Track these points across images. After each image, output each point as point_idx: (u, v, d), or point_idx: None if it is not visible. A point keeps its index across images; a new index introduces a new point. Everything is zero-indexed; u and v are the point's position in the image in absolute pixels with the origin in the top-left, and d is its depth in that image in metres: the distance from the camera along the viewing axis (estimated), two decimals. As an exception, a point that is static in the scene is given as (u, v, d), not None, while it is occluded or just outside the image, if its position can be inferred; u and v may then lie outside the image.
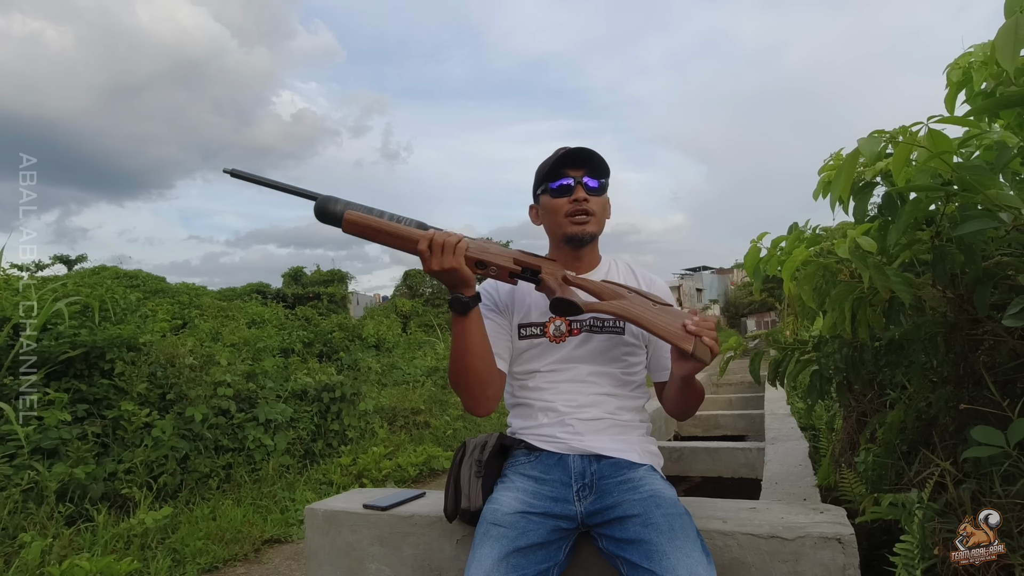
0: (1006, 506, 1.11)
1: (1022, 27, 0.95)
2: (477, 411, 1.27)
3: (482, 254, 1.22)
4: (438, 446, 5.42)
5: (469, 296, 1.21)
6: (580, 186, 1.32)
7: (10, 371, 3.56)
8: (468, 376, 1.23)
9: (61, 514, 3.15)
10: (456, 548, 1.40)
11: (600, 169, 1.35)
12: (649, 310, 1.20)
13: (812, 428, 3.41)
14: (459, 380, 1.25)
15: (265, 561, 3.20)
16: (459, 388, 1.27)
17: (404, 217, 1.22)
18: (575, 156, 1.33)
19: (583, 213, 1.33)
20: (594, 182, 1.34)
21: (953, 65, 1.55)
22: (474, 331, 1.22)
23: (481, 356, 1.23)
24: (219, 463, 4.18)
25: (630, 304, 1.21)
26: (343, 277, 18.87)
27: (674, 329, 1.17)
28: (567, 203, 1.33)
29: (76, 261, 13.62)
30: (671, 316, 1.19)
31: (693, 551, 1.05)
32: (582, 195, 1.32)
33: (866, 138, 1.09)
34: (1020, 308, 1.07)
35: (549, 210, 1.36)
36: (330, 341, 8.68)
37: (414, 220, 1.22)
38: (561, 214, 1.34)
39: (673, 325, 1.17)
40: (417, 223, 1.22)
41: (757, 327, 26.64)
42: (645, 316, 1.20)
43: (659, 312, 1.20)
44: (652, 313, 1.20)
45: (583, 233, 1.34)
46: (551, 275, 1.25)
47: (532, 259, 1.26)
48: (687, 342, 1.15)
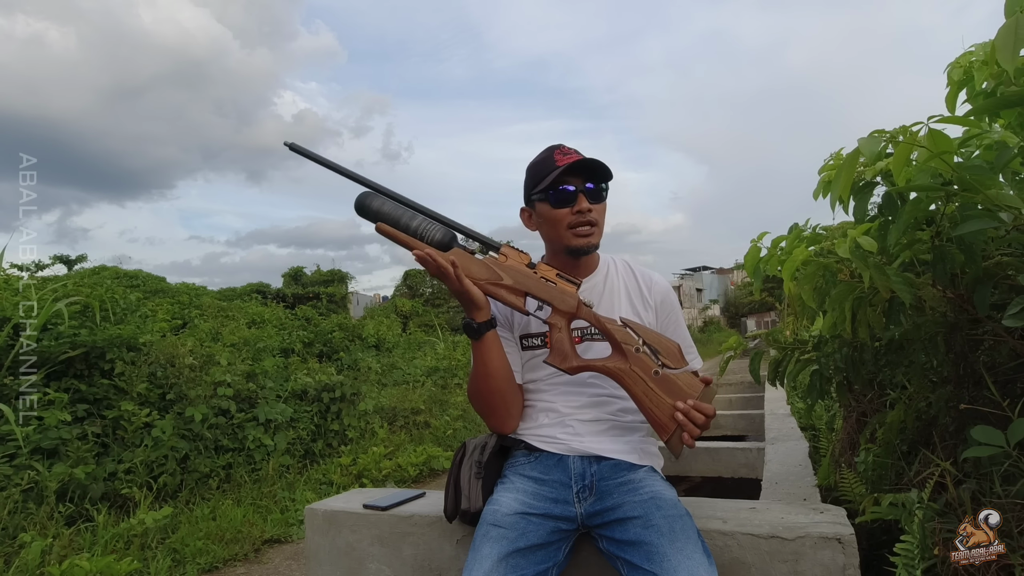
0: (1006, 506, 1.11)
1: (1022, 27, 0.95)
2: (504, 430, 1.25)
3: (493, 288, 1.19)
4: (438, 446, 5.42)
5: (480, 321, 1.18)
6: (582, 195, 1.25)
7: (10, 371, 3.56)
8: (493, 398, 1.22)
9: (61, 514, 3.15)
10: (456, 548, 1.40)
11: (601, 173, 1.27)
12: (645, 380, 1.14)
13: (812, 428, 3.41)
14: (482, 402, 1.24)
15: (265, 561, 3.20)
16: (483, 410, 1.25)
17: (431, 222, 1.20)
18: (580, 168, 1.25)
19: (587, 224, 1.26)
20: (596, 187, 1.27)
21: (954, 64, 1.55)
22: (492, 355, 1.20)
23: (503, 378, 1.21)
24: (219, 463, 4.18)
25: (627, 368, 1.15)
26: (343, 277, 18.86)
27: (659, 413, 1.12)
28: (569, 214, 1.26)
29: (76, 261, 13.61)
30: (666, 391, 1.13)
31: (694, 552, 1.05)
32: (585, 205, 1.24)
33: (866, 138, 1.09)
34: (1020, 308, 1.07)
35: (548, 219, 1.28)
36: (330, 341, 8.67)
37: (441, 227, 1.21)
38: (563, 226, 1.26)
39: (662, 406, 1.12)
40: (445, 230, 1.21)
41: (757, 327, 26.65)
42: (636, 390, 1.15)
43: (656, 385, 1.14)
44: (646, 386, 1.14)
45: (588, 246, 1.28)
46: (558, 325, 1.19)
47: (545, 291, 1.20)
48: (665, 432, 1.12)
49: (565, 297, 1.19)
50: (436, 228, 1.21)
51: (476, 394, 1.24)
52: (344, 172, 1.27)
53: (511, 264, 1.21)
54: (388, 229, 1.21)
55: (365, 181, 1.25)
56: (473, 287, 1.17)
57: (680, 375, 1.14)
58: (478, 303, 1.17)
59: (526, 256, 1.23)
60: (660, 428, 1.12)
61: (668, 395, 1.12)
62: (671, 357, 1.15)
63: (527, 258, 1.23)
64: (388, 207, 1.22)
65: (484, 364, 1.20)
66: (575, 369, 1.18)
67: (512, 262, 1.21)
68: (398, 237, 1.20)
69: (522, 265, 1.22)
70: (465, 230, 1.23)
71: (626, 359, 1.16)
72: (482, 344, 1.19)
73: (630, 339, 1.17)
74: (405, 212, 1.22)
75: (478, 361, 1.21)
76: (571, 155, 1.27)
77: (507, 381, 1.23)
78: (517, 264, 1.21)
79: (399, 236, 1.20)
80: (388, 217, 1.22)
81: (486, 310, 1.19)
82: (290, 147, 1.28)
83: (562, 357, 1.18)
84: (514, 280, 1.20)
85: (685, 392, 1.12)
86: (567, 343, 1.19)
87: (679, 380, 1.13)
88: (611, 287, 1.36)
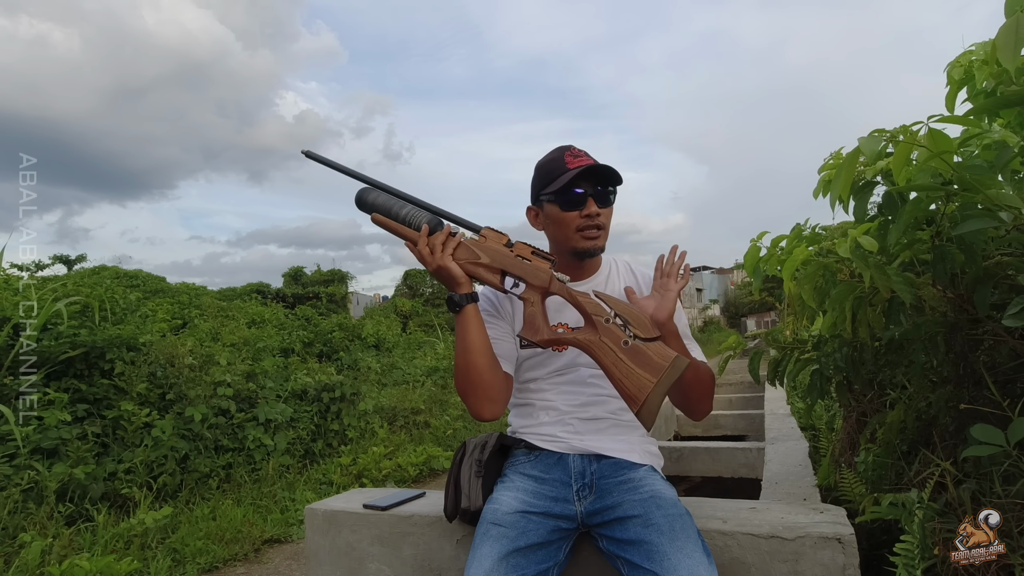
0: (1006, 506, 1.11)
1: (1022, 27, 0.95)
2: (483, 413, 1.22)
3: (472, 267, 1.24)
4: (438, 446, 5.42)
5: (462, 294, 1.22)
6: (592, 199, 1.26)
7: (10, 371, 3.56)
8: (470, 374, 1.21)
9: (61, 514, 3.15)
10: (456, 548, 1.40)
11: (611, 178, 1.28)
12: (615, 351, 1.13)
13: (812, 428, 3.41)
14: (463, 380, 1.24)
15: (265, 561, 3.20)
16: (464, 389, 1.25)
17: (419, 210, 1.29)
18: (591, 173, 1.26)
19: (595, 228, 1.28)
20: (605, 190, 1.28)
21: (954, 63, 1.55)
22: (472, 329, 1.22)
23: (482, 353, 1.22)
24: (219, 463, 4.18)
25: (597, 340, 1.15)
26: (343, 277, 18.86)
27: (628, 383, 1.10)
28: (578, 217, 1.27)
29: (76, 261, 13.61)
30: (636, 362, 1.11)
31: (694, 551, 1.05)
32: (595, 209, 1.26)
33: (866, 137, 1.09)
34: (1020, 308, 1.07)
35: (556, 221, 1.30)
36: (330, 341, 8.67)
37: (428, 213, 1.29)
38: (571, 228, 1.28)
39: (631, 376, 1.10)
40: (431, 216, 1.28)
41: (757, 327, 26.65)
42: (606, 361, 1.14)
43: (626, 356, 1.12)
44: (615, 357, 1.13)
45: (595, 248, 1.30)
46: (531, 299, 1.21)
47: (519, 268, 1.23)
48: (634, 403, 1.10)
49: (538, 273, 1.22)
50: (423, 214, 1.29)
51: (457, 372, 1.25)
52: (360, 177, 1.35)
53: (489, 244, 1.26)
54: (381, 219, 1.30)
55: (377, 184, 1.34)
56: (454, 264, 1.22)
57: (650, 345, 1.12)
58: (458, 279, 1.22)
59: (504, 236, 1.28)
60: (629, 399, 1.10)
61: (638, 366, 1.11)
62: (641, 327, 1.14)
63: (505, 238, 1.27)
64: (382, 199, 1.32)
65: (464, 339, 1.22)
66: (546, 342, 1.20)
67: (490, 243, 1.26)
68: (389, 225, 1.30)
69: (499, 244, 1.27)
70: (449, 215, 1.30)
71: (596, 331, 1.16)
72: (463, 317, 1.22)
73: (601, 311, 1.17)
74: (396, 202, 1.31)
75: (459, 336, 1.24)
76: (582, 157, 1.28)
77: (486, 357, 1.23)
78: (495, 244, 1.27)
79: (390, 224, 1.30)
80: (381, 208, 1.31)
81: (466, 284, 1.23)
82: (307, 155, 1.37)
83: (534, 330, 1.20)
84: (491, 258, 1.25)
85: (655, 361, 1.10)
86: (540, 317, 1.21)
87: (649, 350, 1.12)
88: (612, 288, 1.37)
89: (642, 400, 1.09)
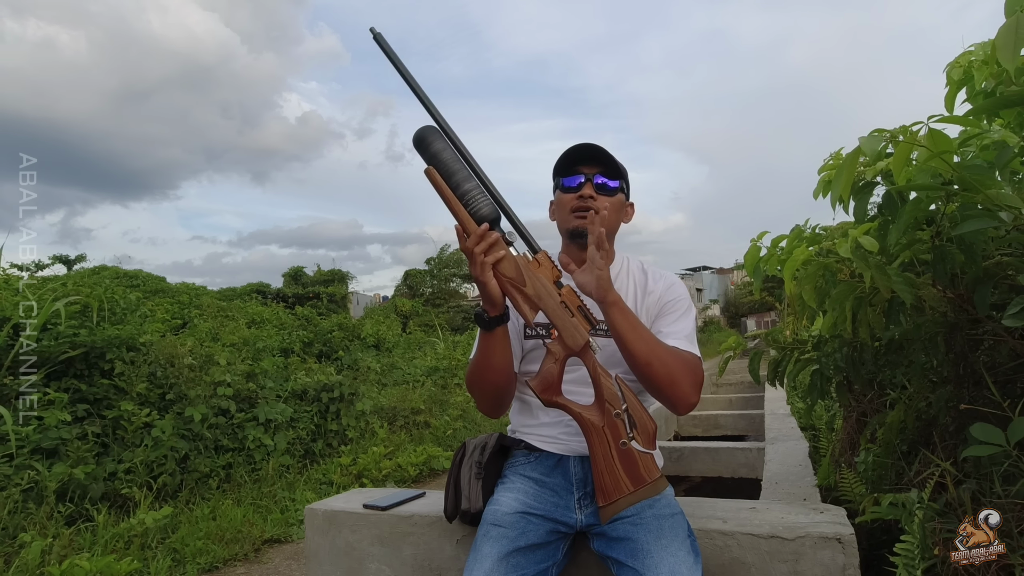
0: (1006, 506, 1.11)
1: (1022, 27, 0.95)
2: (489, 414, 1.30)
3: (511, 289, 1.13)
4: (438, 446, 5.42)
5: (491, 316, 1.16)
6: (589, 183, 1.31)
7: (10, 371, 3.56)
8: (485, 387, 1.25)
9: (61, 514, 3.15)
10: (456, 548, 1.40)
11: (615, 170, 1.33)
12: (610, 445, 1.12)
13: (812, 428, 3.41)
14: (478, 388, 1.27)
15: (265, 561, 3.20)
16: (475, 394, 1.29)
17: (484, 194, 1.13)
18: (585, 152, 1.32)
19: (587, 209, 1.30)
20: (605, 181, 1.31)
21: (954, 64, 1.55)
22: (498, 351, 1.20)
23: (502, 373, 1.22)
24: (219, 463, 4.18)
25: (599, 427, 1.13)
26: (343, 277, 18.86)
27: (608, 479, 1.11)
28: (574, 199, 1.32)
29: (75, 261, 13.61)
30: (624, 465, 1.11)
31: (679, 550, 1.06)
32: (588, 192, 1.30)
33: (867, 137, 1.09)
34: (1020, 308, 1.07)
35: (558, 204, 1.36)
36: (329, 341, 8.67)
37: (491, 203, 1.13)
38: (567, 209, 1.33)
39: (613, 475, 1.11)
40: (492, 208, 1.13)
41: (757, 327, 26.64)
42: (597, 450, 1.13)
43: (617, 455, 1.12)
44: (607, 450, 1.12)
45: (582, 227, 1.29)
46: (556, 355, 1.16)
47: (561, 319, 1.14)
48: (604, 498, 1.11)
49: (576, 333, 1.14)
50: (486, 202, 1.12)
51: (474, 382, 1.27)
52: (427, 104, 1.18)
53: (539, 276, 1.15)
54: (438, 179, 1.12)
55: (446, 129, 1.17)
56: (493, 283, 1.12)
57: (643, 456, 1.12)
58: (493, 300, 1.14)
59: (557, 271, 1.17)
60: (601, 491, 1.11)
61: (624, 469, 1.11)
62: (644, 436, 1.13)
63: (557, 273, 1.17)
64: (447, 155, 1.14)
65: (487, 357, 1.21)
66: (551, 403, 1.17)
67: (542, 272, 1.15)
68: (444, 192, 1.12)
69: (550, 281, 1.16)
70: (513, 217, 1.18)
71: (602, 418, 1.14)
72: (491, 337, 1.19)
73: (616, 402, 1.14)
74: (462, 170, 1.13)
75: (481, 352, 1.22)
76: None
77: (506, 376, 1.24)
78: (545, 278, 1.15)
79: (446, 192, 1.12)
80: (443, 167, 1.13)
81: (499, 305, 1.16)
82: (376, 38, 1.18)
83: (545, 387, 1.15)
84: (535, 291, 1.14)
85: (640, 474, 1.11)
86: (556, 378, 1.16)
87: (640, 460, 1.12)
88: (620, 286, 1.36)
89: (613, 499, 1.11)
